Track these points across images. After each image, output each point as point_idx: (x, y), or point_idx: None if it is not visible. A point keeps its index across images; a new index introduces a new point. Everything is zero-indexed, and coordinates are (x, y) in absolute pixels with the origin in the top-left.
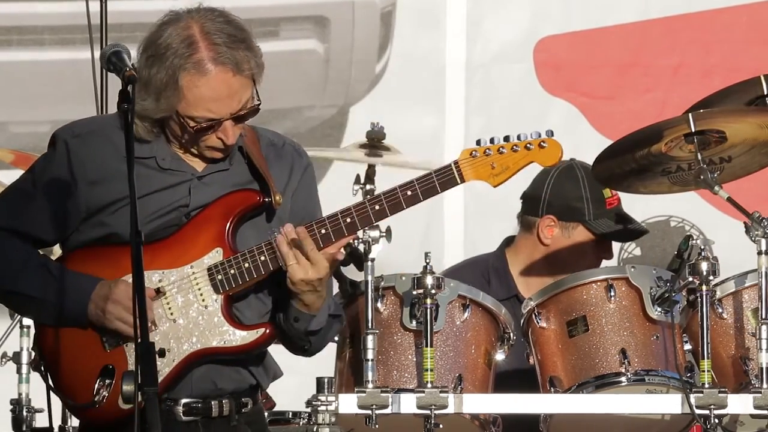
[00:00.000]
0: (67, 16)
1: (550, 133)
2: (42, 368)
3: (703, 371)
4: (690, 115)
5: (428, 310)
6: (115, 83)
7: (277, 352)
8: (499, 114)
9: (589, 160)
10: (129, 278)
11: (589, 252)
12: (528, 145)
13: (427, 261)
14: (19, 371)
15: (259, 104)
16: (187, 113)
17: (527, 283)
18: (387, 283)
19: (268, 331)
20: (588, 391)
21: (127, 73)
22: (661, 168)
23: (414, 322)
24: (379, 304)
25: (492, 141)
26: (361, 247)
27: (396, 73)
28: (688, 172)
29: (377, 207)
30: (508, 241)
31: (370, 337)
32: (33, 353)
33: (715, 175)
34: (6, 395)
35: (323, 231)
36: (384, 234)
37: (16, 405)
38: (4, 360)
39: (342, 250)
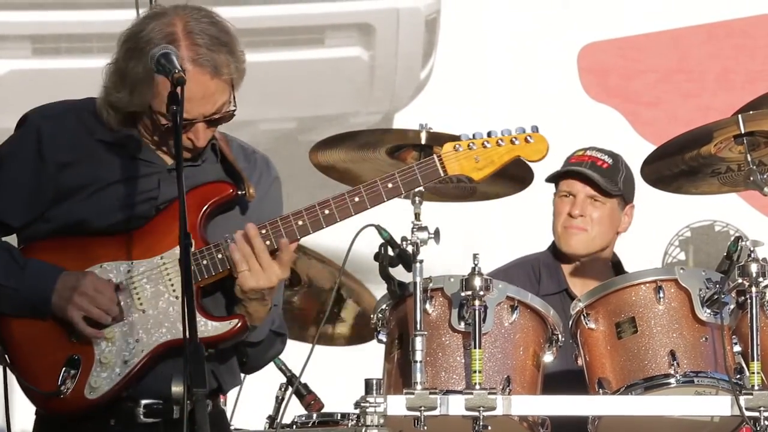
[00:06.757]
0: (115, 24)
1: (536, 129)
2: (5, 358)
3: (753, 373)
4: (740, 116)
5: (476, 311)
6: None
7: (324, 352)
8: (544, 121)
9: (633, 166)
10: (96, 269)
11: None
12: (513, 140)
13: (476, 262)
14: None
15: (235, 110)
16: (160, 110)
17: (575, 279)
18: (435, 284)
19: (240, 323)
20: (637, 392)
21: (176, 75)
22: (711, 169)
23: (462, 324)
24: (427, 306)
25: (475, 136)
26: (410, 249)
27: (440, 79)
28: (737, 173)
29: (357, 199)
30: None
31: (418, 339)
32: None
33: (765, 176)
34: None
35: (300, 222)
36: (432, 235)
37: None
38: None
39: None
